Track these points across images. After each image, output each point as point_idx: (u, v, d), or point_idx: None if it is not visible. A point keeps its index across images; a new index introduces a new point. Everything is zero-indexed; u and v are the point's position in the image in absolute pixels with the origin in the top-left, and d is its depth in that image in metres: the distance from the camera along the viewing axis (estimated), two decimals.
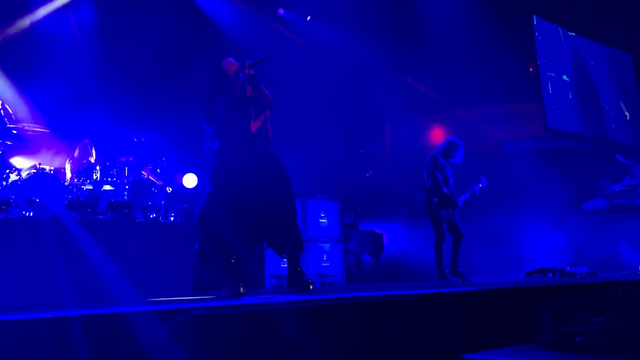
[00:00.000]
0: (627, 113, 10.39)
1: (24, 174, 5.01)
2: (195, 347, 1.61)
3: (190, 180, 7.15)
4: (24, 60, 6.25)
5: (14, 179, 4.97)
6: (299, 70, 7.79)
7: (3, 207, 4.54)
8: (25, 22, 6.46)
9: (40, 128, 5.38)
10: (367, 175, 9.78)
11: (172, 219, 5.48)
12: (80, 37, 6.64)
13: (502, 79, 8.81)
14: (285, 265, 4.19)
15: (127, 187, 5.51)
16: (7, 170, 5.04)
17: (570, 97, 9.62)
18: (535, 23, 9.32)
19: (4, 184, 4.94)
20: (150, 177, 5.84)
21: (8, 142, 5.17)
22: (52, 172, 5.11)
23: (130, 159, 5.76)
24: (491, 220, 8.14)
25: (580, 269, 6.08)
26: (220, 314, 1.78)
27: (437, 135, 9.86)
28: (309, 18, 8.93)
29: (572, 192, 8.70)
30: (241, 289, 3.66)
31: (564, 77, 9.60)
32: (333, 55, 8.74)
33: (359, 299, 2.61)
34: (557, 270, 6.05)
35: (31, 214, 4.71)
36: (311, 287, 3.81)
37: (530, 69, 9.52)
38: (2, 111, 5.22)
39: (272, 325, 1.87)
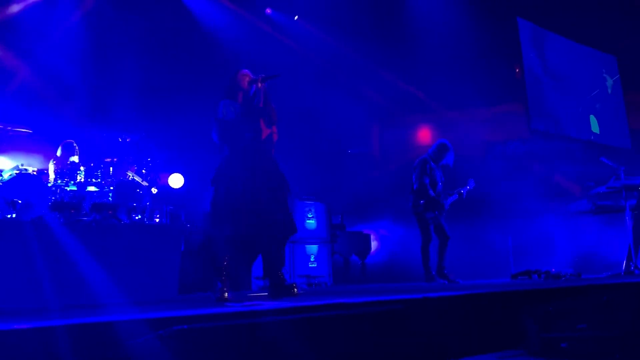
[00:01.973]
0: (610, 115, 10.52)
1: (5, 175, 4.94)
2: None
3: (176, 181, 7.10)
4: (3, 57, 6.13)
5: None
6: (286, 70, 7.75)
7: None
8: (12, 9, 6.33)
9: (23, 128, 5.30)
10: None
11: (157, 220, 5.44)
12: (64, 34, 6.53)
13: (489, 81, 8.86)
14: None
15: (111, 188, 5.45)
16: None
17: (555, 99, 9.70)
18: (520, 25, 9.38)
19: None
20: (135, 177, 5.78)
21: None
22: (35, 172, 5.04)
23: (115, 159, 5.70)
24: (478, 221, 8.19)
25: (565, 271, 6.14)
26: (201, 329, 1.77)
27: (425, 136, 9.90)
28: (296, 18, 8.91)
29: (557, 194, 8.80)
30: (226, 295, 3.65)
31: (549, 78, 9.68)
32: (320, 55, 8.75)
33: (344, 306, 2.60)
34: (542, 272, 6.10)
35: (14, 216, 4.64)
36: (295, 290, 3.80)
37: (517, 70, 9.59)
38: None
39: (256, 339, 1.86)
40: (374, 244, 8.35)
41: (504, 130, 9.58)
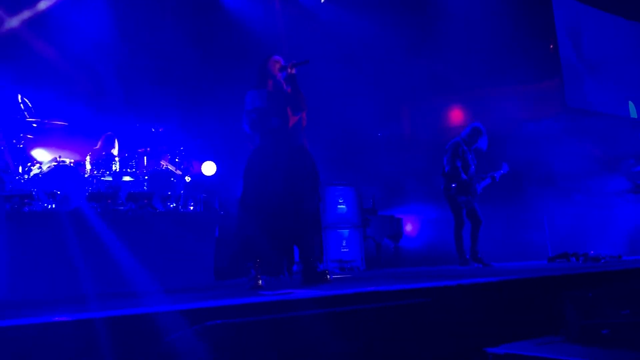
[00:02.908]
0: None
1: (45, 167, 5.05)
2: (211, 357, 1.60)
3: (209, 168, 7.15)
4: (41, 51, 6.24)
5: (35, 172, 5.01)
6: (314, 55, 7.68)
7: (26, 200, 4.59)
8: (39, 8, 6.42)
9: (59, 121, 5.40)
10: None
11: (191, 208, 5.50)
12: (96, 26, 6.60)
13: (522, 58, 8.60)
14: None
15: (146, 177, 5.53)
16: (29, 164, 5.08)
17: (592, 75, 9.36)
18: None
19: (26, 177, 4.98)
20: (169, 166, 5.85)
21: (29, 136, 5.21)
22: (72, 164, 5.14)
23: (149, 149, 5.77)
24: (512, 202, 8.02)
25: (604, 252, 5.95)
26: (233, 324, 1.76)
27: (456, 116, 9.70)
28: (322, 0, 8.79)
29: (594, 173, 8.53)
30: (259, 282, 3.66)
31: (585, 54, 9.33)
32: (347, 38, 8.61)
33: (376, 294, 2.57)
34: (581, 254, 5.93)
35: (53, 207, 4.75)
36: (328, 277, 3.79)
37: (550, 46, 9.27)
38: (21, 105, 5.25)
39: (289, 331, 1.85)
40: (406, 228, 8.27)
41: (538, 108, 9.29)
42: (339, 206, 6.93)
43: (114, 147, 5.55)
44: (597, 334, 2.65)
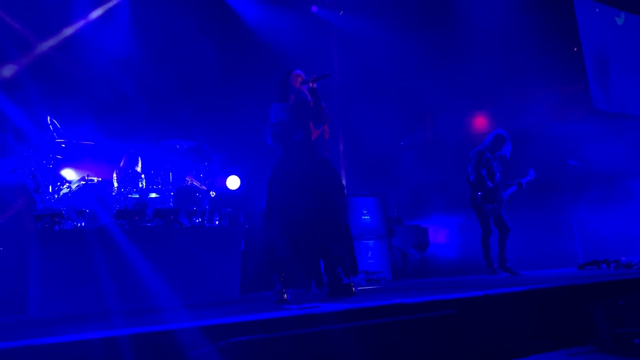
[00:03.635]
0: None
1: (73, 186, 5.17)
2: None
3: (233, 182, 7.22)
4: (67, 73, 6.41)
5: (64, 192, 5.13)
6: (336, 66, 7.73)
7: (56, 219, 4.70)
8: (66, 33, 6.63)
9: (86, 141, 5.54)
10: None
11: (217, 222, 5.55)
12: (121, 46, 6.77)
13: (545, 61, 8.49)
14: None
15: (172, 193, 5.61)
16: (58, 183, 5.21)
17: (619, 77, 9.18)
18: (576, 1, 8.93)
19: (56, 196, 5.10)
20: (194, 182, 5.93)
21: (58, 156, 5.34)
22: (99, 182, 5.25)
23: (174, 166, 5.86)
24: (540, 208, 7.88)
25: (637, 259, 5.79)
26: (256, 341, 1.77)
27: (480, 122, 9.60)
28: (341, 12, 8.85)
29: (624, 176, 8.34)
30: (285, 296, 3.66)
31: (611, 56, 9.16)
32: (369, 48, 8.63)
33: (403, 306, 2.54)
34: (612, 261, 5.78)
35: (82, 225, 4.85)
36: (353, 289, 3.76)
37: (574, 49, 9.13)
38: (50, 126, 5.40)
39: (314, 346, 1.85)
40: (432, 237, 8.19)
41: (563, 111, 9.14)
42: (363, 217, 6.91)
43: (137, 165, 5.64)
44: (629, 344, 2.58)
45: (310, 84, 4.03)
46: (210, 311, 3.33)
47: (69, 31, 6.64)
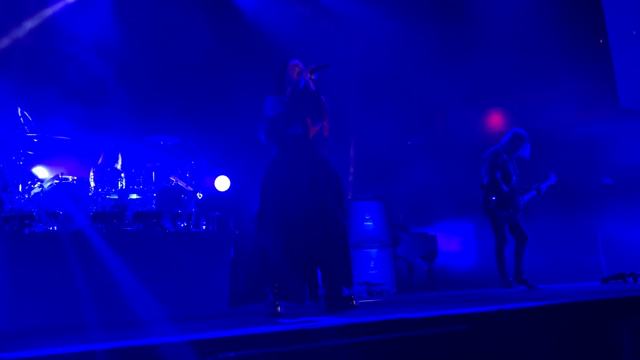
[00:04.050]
0: None
1: (46, 185, 5.17)
2: None
3: (222, 183, 7.23)
4: (40, 62, 6.41)
5: (36, 191, 5.14)
6: (340, 58, 7.73)
7: (27, 221, 4.70)
8: (39, 16, 6.62)
9: (61, 135, 5.54)
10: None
11: (204, 227, 5.56)
12: (101, 34, 6.76)
13: (569, 56, 8.52)
14: None
15: (154, 194, 5.61)
16: (29, 182, 5.21)
17: None
18: None
19: (26, 196, 5.11)
20: (179, 182, 5.93)
21: (29, 152, 5.34)
22: (75, 182, 5.25)
23: (157, 164, 5.86)
24: (561, 217, 7.91)
25: None
26: (247, 357, 1.78)
27: (496, 121, 9.63)
28: None
29: None
30: (278, 309, 3.67)
31: (638, 48, 9.18)
32: (375, 41, 8.64)
33: (407, 322, 2.55)
34: (639, 274, 5.82)
35: (55, 228, 4.85)
36: (354, 302, 3.77)
37: (600, 40, 9.16)
38: (21, 118, 5.39)
39: None
40: (442, 246, 8.20)
41: (588, 110, 9.17)
42: (365, 223, 6.93)
43: (117, 162, 5.65)
44: None
45: (309, 75, 4.03)
46: (196, 325, 3.33)
47: (42, 15, 6.64)
